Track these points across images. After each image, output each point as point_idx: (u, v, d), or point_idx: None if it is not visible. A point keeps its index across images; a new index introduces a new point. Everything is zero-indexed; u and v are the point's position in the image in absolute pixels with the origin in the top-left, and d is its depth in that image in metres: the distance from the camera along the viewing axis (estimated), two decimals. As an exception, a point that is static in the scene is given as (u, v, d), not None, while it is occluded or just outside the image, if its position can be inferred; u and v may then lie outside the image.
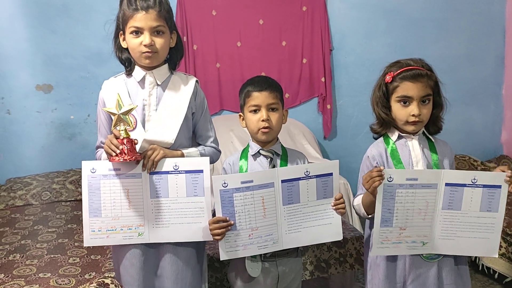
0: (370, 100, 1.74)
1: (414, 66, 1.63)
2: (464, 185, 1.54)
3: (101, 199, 1.60)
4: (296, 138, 3.52)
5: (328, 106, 3.78)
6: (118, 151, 1.50)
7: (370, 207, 1.64)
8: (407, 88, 1.61)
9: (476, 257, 2.61)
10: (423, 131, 1.70)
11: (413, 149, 1.67)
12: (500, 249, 2.44)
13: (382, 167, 1.54)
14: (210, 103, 3.60)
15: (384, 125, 1.70)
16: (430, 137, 1.71)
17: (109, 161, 1.55)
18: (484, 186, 1.54)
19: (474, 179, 1.54)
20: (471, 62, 3.98)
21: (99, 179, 1.60)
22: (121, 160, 1.51)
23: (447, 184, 1.55)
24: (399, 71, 1.63)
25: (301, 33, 3.71)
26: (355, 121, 3.85)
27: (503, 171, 1.53)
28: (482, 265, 2.55)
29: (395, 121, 1.67)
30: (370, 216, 1.66)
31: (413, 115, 1.60)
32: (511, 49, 3.97)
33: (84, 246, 1.63)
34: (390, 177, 1.55)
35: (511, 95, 4.00)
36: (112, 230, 1.61)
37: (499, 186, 1.53)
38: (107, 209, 1.60)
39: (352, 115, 3.85)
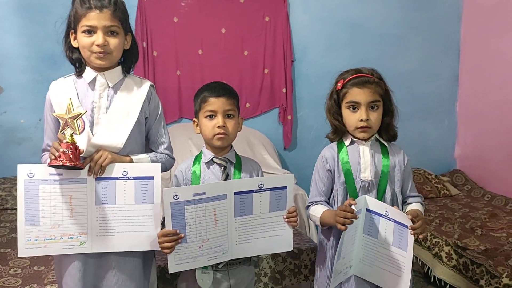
0: (324, 109, 1.77)
1: (363, 74, 1.68)
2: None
3: (40, 206, 1.50)
4: (256, 148, 3.50)
5: (289, 117, 3.79)
6: (57, 154, 1.42)
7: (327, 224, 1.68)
8: (355, 93, 1.66)
9: (428, 269, 2.64)
10: (377, 137, 1.73)
11: (363, 155, 1.70)
12: (451, 261, 2.48)
13: (355, 202, 1.53)
14: (169, 110, 3.58)
15: (338, 132, 1.74)
16: (384, 143, 1.73)
17: (47, 165, 1.46)
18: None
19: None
20: (427, 78, 4.10)
21: (38, 184, 1.50)
22: (60, 163, 1.41)
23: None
24: (349, 78, 1.68)
25: (263, 43, 3.72)
26: (315, 133, 3.87)
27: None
28: (434, 276, 2.58)
29: (346, 128, 1.70)
30: (324, 228, 1.72)
31: (361, 120, 1.63)
32: (465, 67, 4.12)
33: (18, 256, 1.52)
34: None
35: (465, 111, 4.14)
36: (51, 239, 1.51)
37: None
38: (46, 217, 1.50)
39: (312, 127, 3.87)
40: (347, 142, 1.72)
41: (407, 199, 1.75)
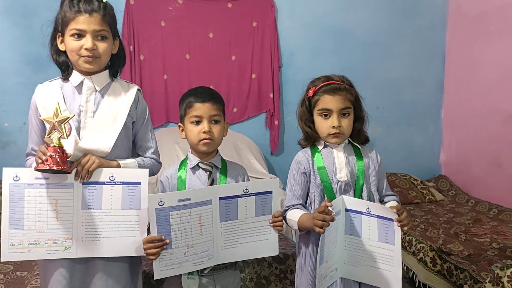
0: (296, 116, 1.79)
1: (334, 81, 1.70)
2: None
3: (25, 210, 1.48)
4: (243, 153, 3.50)
5: (276, 122, 3.80)
6: (44, 158, 1.41)
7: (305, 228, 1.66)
8: (327, 101, 1.67)
9: (413, 274, 2.66)
10: (349, 140, 1.75)
11: (338, 157, 1.72)
12: (435, 266, 2.51)
13: (331, 204, 1.52)
14: (156, 115, 3.57)
15: (309, 139, 1.76)
16: (357, 145, 1.76)
17: (34, 168, 1.45)
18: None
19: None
20: (412, 85, 4.15)
21: (23, 188, 1.48)
22: (47, 167, 1.40)
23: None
24: (320, 86, 1.70)
25: (251, 48, 3.73)
26: (302, 138, 3.88)
27: None
28: (419, 281, 2.60)
29: (318, 134, 1.72)
30: (302, 232, 1.71)
31: (333, 127, 1.66)
32: (450, 74, 4.18)
33: (1, 261, 1.51)
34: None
35: (450, 118, 4.19)
36: (35, 243, 1.50)
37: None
38: (31, 221, 1.49)
39: (299, 132, 3.86)
40: (320, 147, 1.74)
41: (384, 198, 1.77)
